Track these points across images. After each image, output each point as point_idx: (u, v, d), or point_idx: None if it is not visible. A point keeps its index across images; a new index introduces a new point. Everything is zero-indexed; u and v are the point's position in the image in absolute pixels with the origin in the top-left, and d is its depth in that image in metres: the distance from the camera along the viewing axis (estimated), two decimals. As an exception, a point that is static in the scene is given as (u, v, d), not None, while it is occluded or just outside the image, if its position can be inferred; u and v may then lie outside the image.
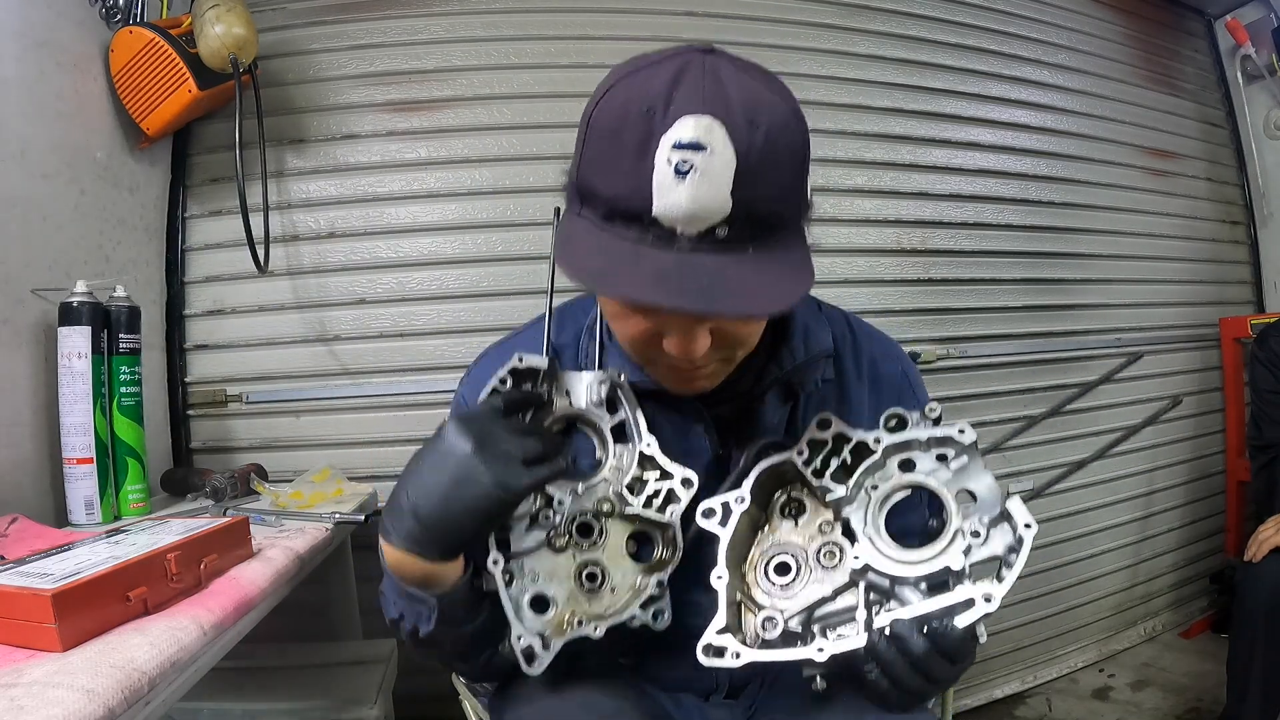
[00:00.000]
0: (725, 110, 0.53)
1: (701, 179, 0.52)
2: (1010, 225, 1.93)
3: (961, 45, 1.91)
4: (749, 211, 0.54)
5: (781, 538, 0.68)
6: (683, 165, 0.52)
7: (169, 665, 0.61)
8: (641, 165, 0.53)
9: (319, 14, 1.62)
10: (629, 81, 0.56)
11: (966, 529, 0.60)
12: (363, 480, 1.41)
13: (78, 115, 1.29)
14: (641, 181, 0.53)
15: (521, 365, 0.71)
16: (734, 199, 0.53)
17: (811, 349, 0.73)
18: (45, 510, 1.12)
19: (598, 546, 0.70)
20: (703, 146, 0.52)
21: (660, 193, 0.53)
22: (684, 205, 0.53)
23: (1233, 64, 2.31)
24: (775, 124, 0.55)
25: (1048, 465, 1.96)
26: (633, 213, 0.54)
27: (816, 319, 0.77)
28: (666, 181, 0.52)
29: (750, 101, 0.54)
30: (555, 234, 0.63)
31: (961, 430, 0.62)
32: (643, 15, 1.68)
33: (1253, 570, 1.41)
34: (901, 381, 0.80)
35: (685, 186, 0.52)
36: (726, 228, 0.54)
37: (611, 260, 0.55)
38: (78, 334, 1.09)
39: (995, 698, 1.90)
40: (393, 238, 1.60)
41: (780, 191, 0.57)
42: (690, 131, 0.52)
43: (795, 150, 0.57)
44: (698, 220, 0.53)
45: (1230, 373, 2.23)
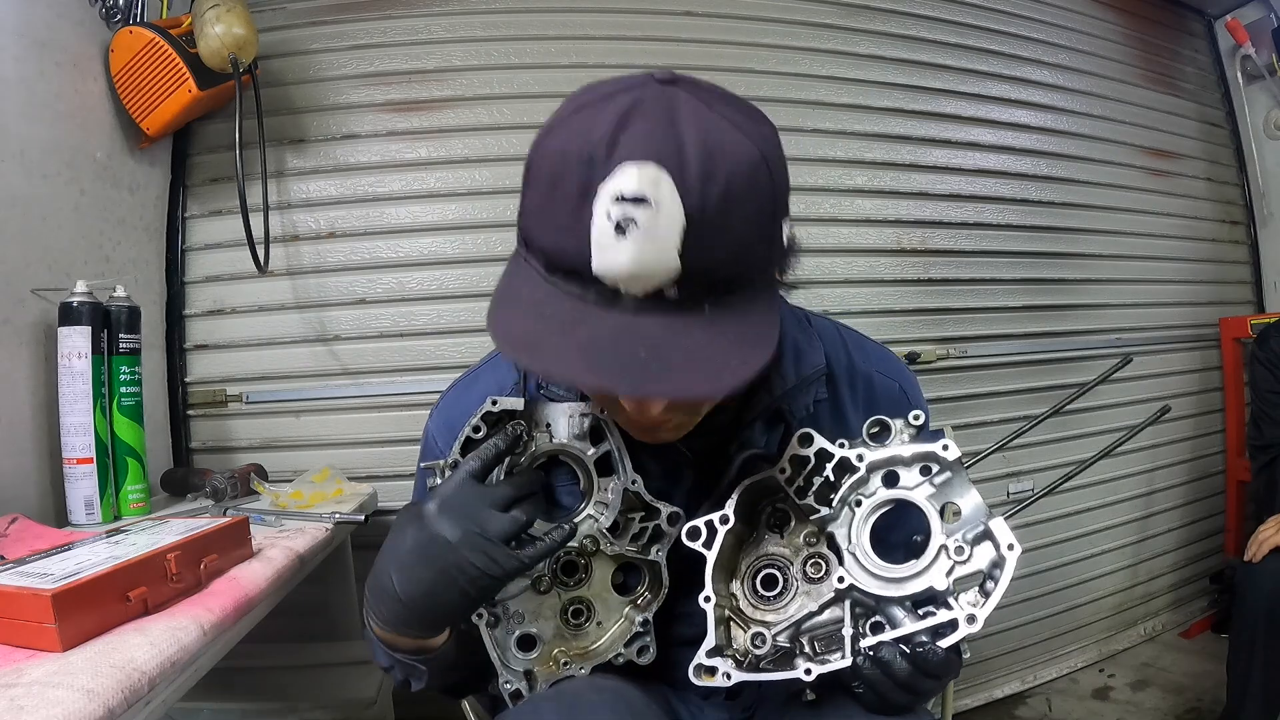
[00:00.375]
0: (676, 158, 0.47)
1: (644, 237, 0.46)
2: (1010, 225, 1.93)
3: (961, 45, 1.91)
4: (702, 272, 0.49)
5: (767, 550, 0.68)
6: (624, 221, 0.46)
7: (169, 665, 0.61)
8: (579, 218, 0.48)
9: (319, 14, 1.62)
10: (572, 121, 0.51)
11: (950, 545, 0.60)
12: (362, 480, 1.41)
13: (78, 115, 1.29)
14: (579, 236, 0.48)
15: (495, 409, 0.66)
16: (683, 260, 0.47)
17: (803, 370, 0.69)
18: (45, 510, 1.12)
19: (583, 584, 0.70)
20: (645, 199, 0.46)
21: (599, 250, 0.48)
22: (625, 265, 0.47)
23: (1233, 64, 2.31)
24: (737, 173, 0.49)
25: (1048, 465, 1.95)
26: (572, 268, 0.50)
27: (807, 336, 0.72)
28: (605, 238, 0.47)
29: (708, 146, 0.48)
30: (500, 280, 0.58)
31: (945, 446, 0.61)
32: (643, 15, 1.68)
33: (1253, 570, 1.41)
34: (899, 397, 0.75)
35: (626, 244, 0.47)
36: (676, 288, 0.49)
37: (545, 324, 0.51)
38: (78, 334, 1.09)
39: (995, 698, 1.90)
40: (393, 238, 1.60)
41: (740, 249, 0.50)
42: (633, 183, 0.46)
43: (761, 203, 0.51)
44: (641, 280, 0.48)
45: (1230, 373, 2.23)
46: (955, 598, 0.59)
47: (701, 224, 0.47)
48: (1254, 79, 2.28)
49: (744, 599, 0.68)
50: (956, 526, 0.62)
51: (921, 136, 1.85)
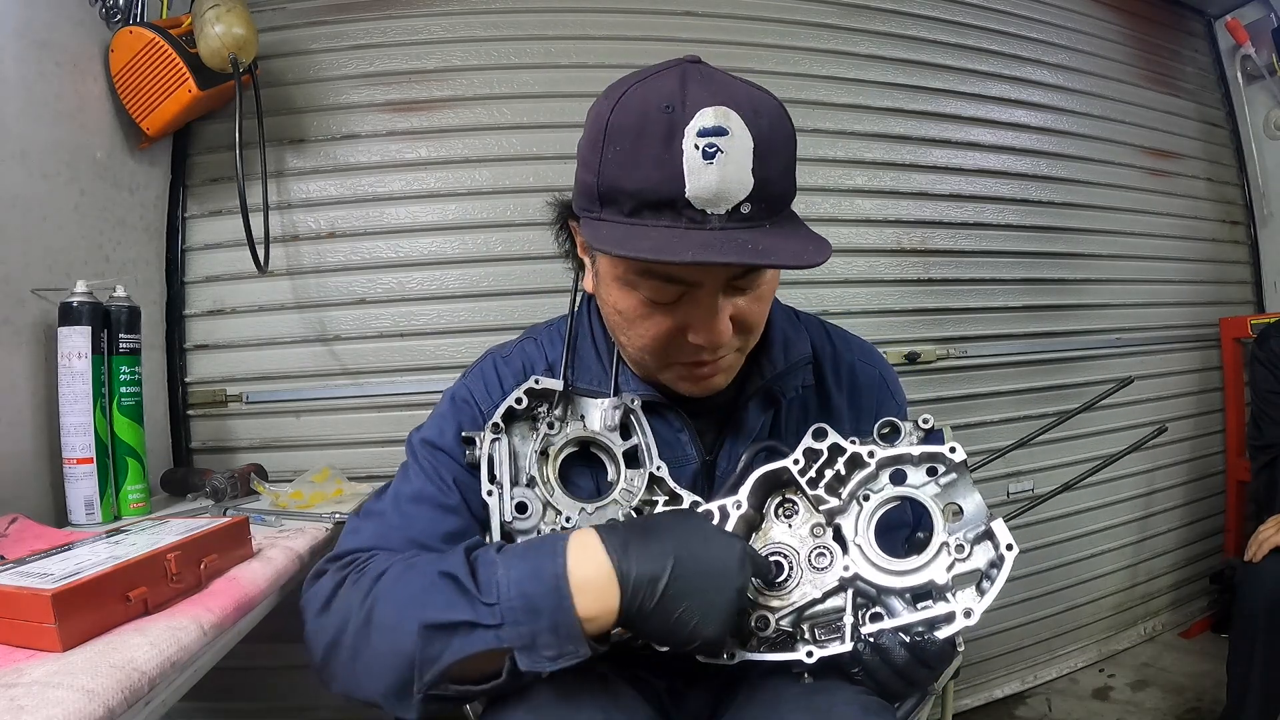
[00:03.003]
0: (735, 101, 0.59)
1: (728, 160, 0.57)
2: (1010, 225, 1.93)
3: (961, 45, 1.91)
4: (765, 189, 0.59)
5: (775, 538, 0.70)
6: (709, 149, 0.56)
7: (169, 665, 0.61)
8: (669, 155, 0.57)
9: (319, 14, 1.62)
10: (640, 87, 0.61)
11: (951, 543, 0.63)
12: (362, 480, 1.41)
13: (78, 115, 1.29)
14: (672, 169, 0.57)
15: (538, 387, 0.74)
16: (754, 177, 0.58)
17: (791, 357, 0.77)
18: (45, 510, 1.12)
19: None
20: (725, 131, 0.57)
21: (692, 175, 0.57)
22: (714, 185, 0.57)
23: (1233, 64, 2.31)
24: (774, 114, 0.62)
25: (1048, 466, 1.96)
26: (664, 200, 0.58)
27: (795, 328, 0.80)
28: (696, 165, 0.57)
29: (749, 95, 0.61)
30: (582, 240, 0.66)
31: (952, 449, 0.64)
32: (643, 15, 1.68)
33: (1253, 570, 1.41)
34: (880, 385, 0.83)
35: (714, 167, 0.57)
36: (749, 205, 0.59)
37: (659, 242, 0.58)
38: (78, 334, 1.09)
39: (995, 698, 1.90)
40: (393, 238, 1.60)
41: (785, 173, 0.62)
42: (712, 119, 0.57)
43: (789, 137, 0.64)
44: (725, 199, 0.58)
45: (1230, 373, 2.23)
46: (953, 593, 0.62)
47: (762, 147, 0.59)
48: (1254, 79, 2.28)
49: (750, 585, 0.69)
50: (958, 525, 0.64)
51: (921, 136, 1.85)
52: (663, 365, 0.70)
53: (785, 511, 0.71)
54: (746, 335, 0.69)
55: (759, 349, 0.75)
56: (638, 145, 0.59)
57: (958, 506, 0.65)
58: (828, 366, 0.81)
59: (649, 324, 0.65)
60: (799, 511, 0.70)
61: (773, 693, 0.68)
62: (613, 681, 0.68)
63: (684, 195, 0.57)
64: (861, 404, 0.81)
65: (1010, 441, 1.84)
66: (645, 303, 0.65)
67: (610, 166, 0.61)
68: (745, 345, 0.70)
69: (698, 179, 0.57)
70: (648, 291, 0.64)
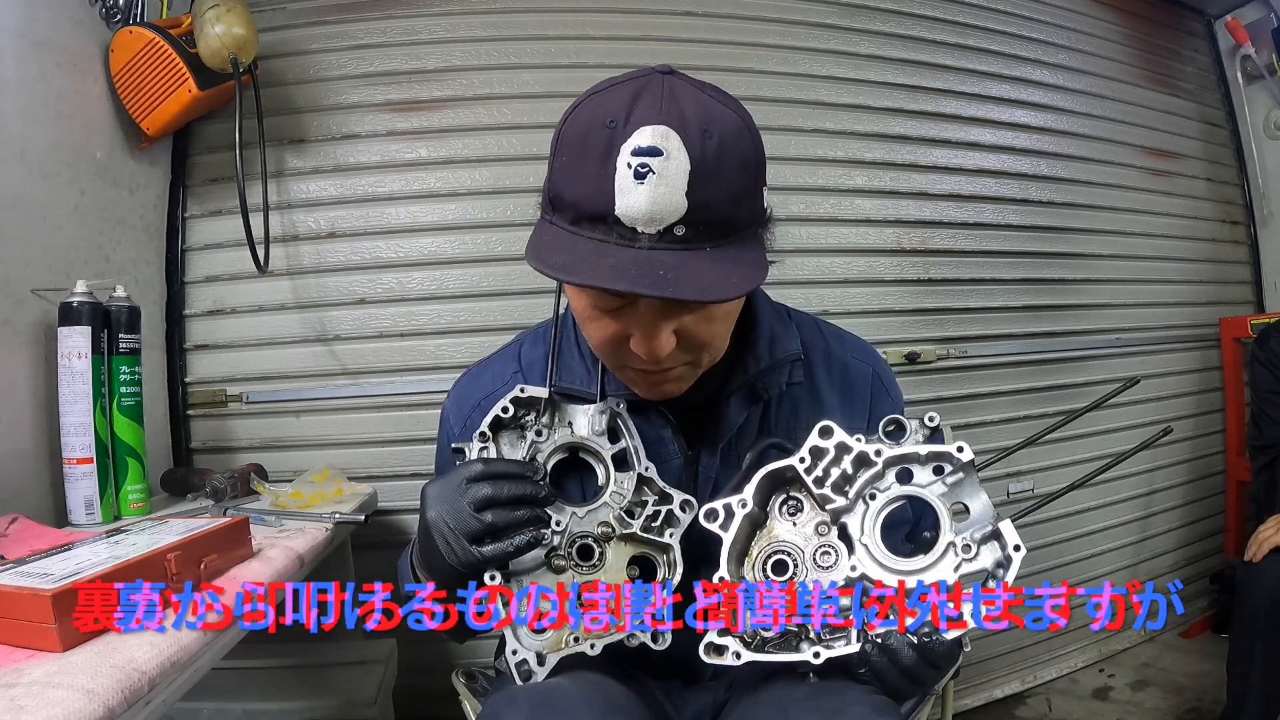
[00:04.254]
0: (680, 121, 0.58)
1: (659, 181, 0.57)
2: (1010, 225, 1.93)
3: (961, 45, 1.91)
4: (704, 213, 0.58)
5: (779, 536, 0.70)
6: (641, 169, 0.56)
7: (169, 665, 0.61)
8: (604, 171, 0.58)
9: (319, 14, 1.62)
10: (593, 99, 0.62)
11: (958, 543, 0.63)
12: (362, 480, 1.42)
13: (78, 115, 1.29)
14: (605, 185, 0.58)
15: (523, 395, 0.74)
16: (689, 201, 0.57)
17: (776, 355, 0.77)
18: (45, 510, 1.12)
19: (597, 569, 0.72)
20: (660, 152, 0.57)
21: (621, 194, 0.57)
22: (643, 206, 0.57)
23: (1233, 64, 2.31)
24: (727, 134, 0.60)
25: (1047, 466, 1.96)
26: (597, 214, 0.59)
27: (784, 326, 0.80)
28: (627, 184, 0.57)
29: (704, 114, 0.59)
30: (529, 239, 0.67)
31: (960, 448, 0.64)
32: (643, 15, 1.68)
33: (1253, 570, 1.41)
34: (874, 382, 0.82)
35: (644, 188, 0.57)
36: (683, 227, 0.58)
37: (577, 256, 0.60)
38: (78, 334, 1.09)
39: (995, 698, 1.90)
40: (393, 238, 1.60)
41: (733, 196, 0.61)
42: (648, 139, 0.57)
43: (746, 159, 0.62)
44: (656, 220, 0.57)
45: (1230, 373, 2.23)
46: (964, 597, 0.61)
47: (702, 170, 0.57)
48: (1254, 79, 2.28)
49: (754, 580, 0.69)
50: (965, 525, 0.64)
51: (921, 136, 1.85)
52: (616, 367, 0.71)
53: (790, 509, 0.71)
54: (697, 352, 0.67)
55: (743, 346, 0.76)
56: (580, 158, 0.60)
57: (964, 506, 0.64)
58: (819, 363, 0.81)
59: (597, 326, 0.67)
60: (804, 509, 0.70)
61: (779, 693, 0.67)
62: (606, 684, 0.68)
63: (614, 212, 0.58)
64: (854, 401, 0.81)
65: (1012, 441, 1.84)
66: (592, 306, 0.65)
67: (557, 174, 0.63)
68: (698, 361, 0.69)
69: (626, 198, 0.57)
70: (593, 296, 0.64)
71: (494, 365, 0.84)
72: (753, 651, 0.64)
